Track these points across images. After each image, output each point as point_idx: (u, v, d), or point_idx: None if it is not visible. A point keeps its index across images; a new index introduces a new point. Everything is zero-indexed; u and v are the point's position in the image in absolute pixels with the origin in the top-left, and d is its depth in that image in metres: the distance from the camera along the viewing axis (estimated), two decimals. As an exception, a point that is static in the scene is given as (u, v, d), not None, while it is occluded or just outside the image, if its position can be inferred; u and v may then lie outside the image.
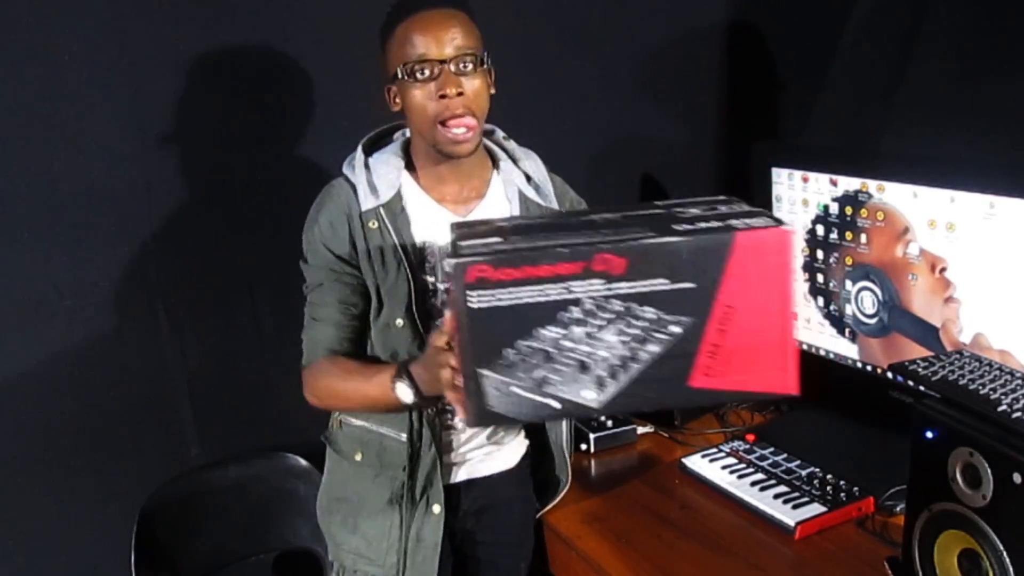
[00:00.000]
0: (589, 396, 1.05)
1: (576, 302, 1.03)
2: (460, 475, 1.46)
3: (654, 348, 1.04)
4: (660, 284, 1.03)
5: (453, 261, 1.02)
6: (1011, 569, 1.05)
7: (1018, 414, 1.05)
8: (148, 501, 1.64)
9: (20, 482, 1.62)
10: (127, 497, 1.67)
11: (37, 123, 1.54)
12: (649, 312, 1.03)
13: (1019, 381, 1.13)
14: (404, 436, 1.37)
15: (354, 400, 1.34)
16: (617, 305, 1.03)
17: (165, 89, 1.62)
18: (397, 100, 1.28)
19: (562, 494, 1.57)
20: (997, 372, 1.16)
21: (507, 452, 1.51)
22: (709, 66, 2.16)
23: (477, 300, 1.02)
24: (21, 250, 1.56)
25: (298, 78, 1.72)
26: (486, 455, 1.48)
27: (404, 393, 1.23)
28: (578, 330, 1.04)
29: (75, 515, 1.68)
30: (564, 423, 1.48)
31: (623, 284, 1.02)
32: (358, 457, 1.41)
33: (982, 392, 1.11)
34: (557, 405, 1.05)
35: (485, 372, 1.03)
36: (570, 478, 1.56)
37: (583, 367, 1.04)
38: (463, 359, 1.03)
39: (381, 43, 1.28)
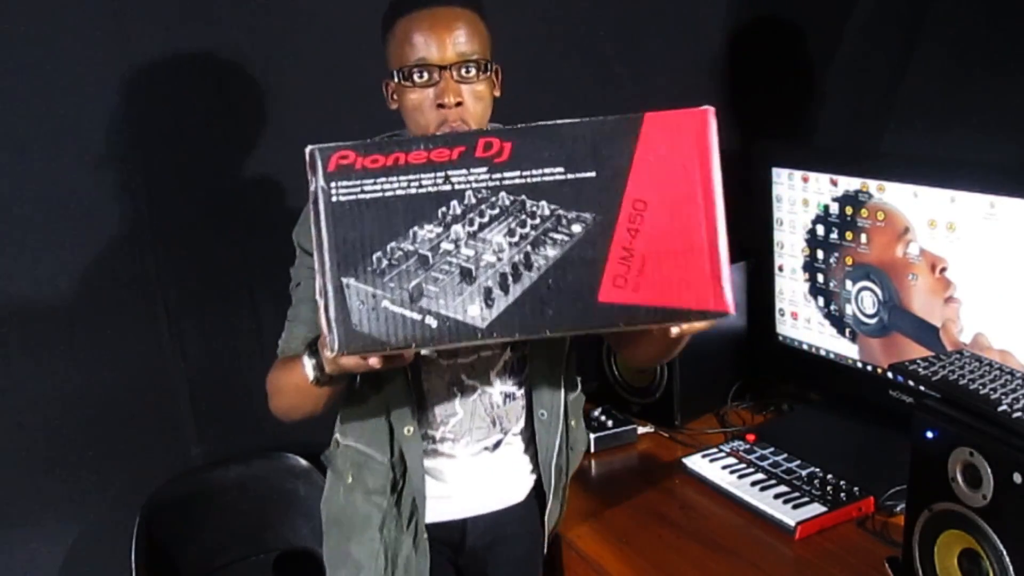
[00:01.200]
0: (474, 313, 0.88)
1: (457, 195, 0.88)
2: (464, 510, 1.37)
3: (552, 252, 0.88)
4: (555, 173, 0.89)
5: (311, 147, 0.89)
6: (1011, 569, 1.05)
7: (1018, 414, 1.05)
8: (148, 501, 1.64)
9: (20, 482, 1.62)
10: (127, 497, 1.67)
11: (37, 123, 1.54)
12: (544, 207, 0.89)
13: (1019, 381, 1.13)
14: (386, 459, 1.29)
15: (286, 391, 1.21)
16: (505, 199, 0.89)
17: (165, 89, 1.62)
18: (395, 97, 1.20)
19: (552, 521, 1.42)
20: (997, 372, 1.16)
21: (514, 485, 1.40)
22: (709, 66, 2.16)
23: (338, 192, 0.88)
24: (21, 250, 1.56)
25: (300, 78, 1.72)
26: (491, 488, 1.38)
27: (308, 368, 1.11)
28: (460, 229, 0.88)
29: (75, 515, 1.68)
30: (557, 440, 1.35)
31: (511, 173, 0.88)
32: (349, 479, 1.34)
33: (982, 392, 1.11)
34: (434, 324, 0.88)
35: (350, 282, 0.88)
36: (558, 501, 1.42)
37: (466, 275, 0.88)
38: (326, 269, 0.88)
39: (382, 34, 1.20)
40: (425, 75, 1.14)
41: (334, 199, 0.88)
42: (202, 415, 1.76)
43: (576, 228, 0.89)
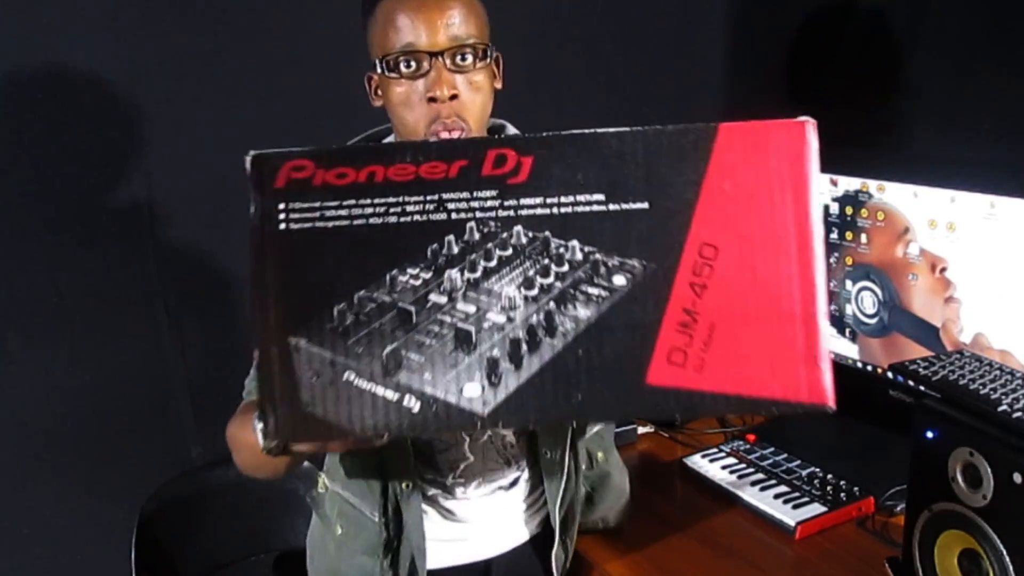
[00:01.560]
0: (472, 393, 0.63)
1: (454, 227, 0.65)
2: (484, 552, 1.23)
3: (584, 312, 0.65)
4: (592, 202, 0.65)
5: (253, 154, 0.65)
6: (1011, 569, 1.05)
7: (1018, 414, 1.05)
8: (148, 501, 1.64)
9: (20, 482, 1.62)
10: (127, 497, 1.67)
11: (36, 122, 1.54)
12: (576, 249, 0.65)
13: (1019, 381, 1.13)
14: (377, 516, 1.13)
15: (243, 449, 0.99)
16: (522, 235, 0.65)
17: (165, 88, 1.62)
18: (379, 93, 1.04)
19: (558, 565, 1.26)
20: (997, 372, 1.16)
21: (532, 519, 1.28)
22: (709, 66, 2.16)
23: (289, 217, 0.64)
24: (21, 250, 1.56)
25: (303, 76, 1.72)
26: (510, 525, 1.25)
27: (258, 434, 0.77)
28: (456, 275, 0.65)
29: (75, 515, 1.68)
30: (563, 479, 1.19)
31: (531, 199, 0.65)
32: (339, 531, 1.19)
33: (982, 392, 1.11)
34: (416, 406, 0.63)
35: (300, 343, 0.64)
36: (564, 543, 1.27)
37: (463, 340, 0.64)
38: (267, 324, 0.64)
39: (362, 19, 1.03)
40: (413, 64, 0.98)
41: (282, 227, 0.64)
42: (202, 415, 1.76)
43: (619, 280, 0.65)
